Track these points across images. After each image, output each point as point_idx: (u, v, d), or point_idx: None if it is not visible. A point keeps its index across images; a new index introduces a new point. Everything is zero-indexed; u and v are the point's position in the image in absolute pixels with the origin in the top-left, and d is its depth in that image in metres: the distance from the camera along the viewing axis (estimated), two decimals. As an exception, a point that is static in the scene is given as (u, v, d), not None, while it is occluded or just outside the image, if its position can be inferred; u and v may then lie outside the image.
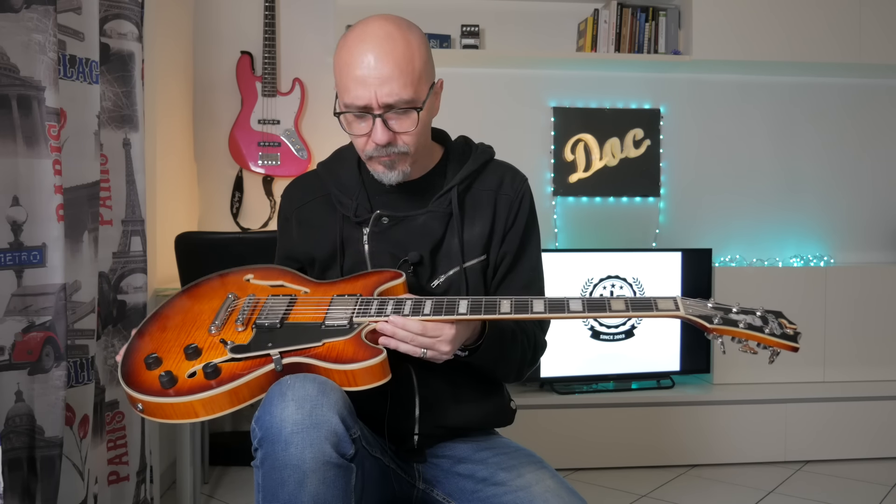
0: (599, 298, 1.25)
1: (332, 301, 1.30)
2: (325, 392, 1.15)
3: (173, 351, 1.25)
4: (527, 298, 1.25)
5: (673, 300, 1.23)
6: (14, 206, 1.70)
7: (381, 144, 1.33)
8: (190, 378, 1.20)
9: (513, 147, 3.37)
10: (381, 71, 1.28)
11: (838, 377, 3.29)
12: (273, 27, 3.31)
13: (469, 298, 1.26)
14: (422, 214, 1.42)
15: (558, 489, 1.32)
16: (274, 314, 1.29)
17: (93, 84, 1.95)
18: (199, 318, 1.32)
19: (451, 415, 1.42)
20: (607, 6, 3.31)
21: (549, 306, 1.24)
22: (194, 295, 1.39)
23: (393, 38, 1.30)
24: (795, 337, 1.21)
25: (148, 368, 1.22)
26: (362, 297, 1.30)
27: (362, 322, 1.25)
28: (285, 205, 1.54)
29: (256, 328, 1.27)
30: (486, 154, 1.49)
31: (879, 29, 3.34)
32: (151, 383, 1.20)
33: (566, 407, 3.02)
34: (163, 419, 1.20)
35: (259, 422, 1.15)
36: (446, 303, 1.25)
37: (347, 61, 1.31)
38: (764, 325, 1.21)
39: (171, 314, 1.35)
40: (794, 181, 3.61)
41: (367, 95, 1.29)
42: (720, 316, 1.20)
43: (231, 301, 1.34)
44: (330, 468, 1.12)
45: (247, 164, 3.32)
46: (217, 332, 1.27)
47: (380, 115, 1.31)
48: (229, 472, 2.95)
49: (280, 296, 1.35)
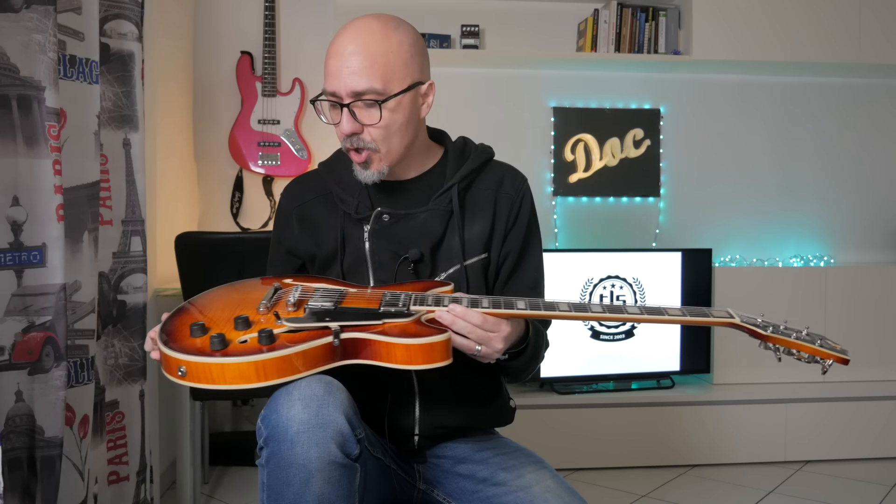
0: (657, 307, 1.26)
1: (384, 295, 1.28)
2: (332, 392, 1.14)
3: (222, 320, 1.18)
4: (585, 304, 1.26)
5: (727, 312, 1.26)
6: (14, 206, 1.70)
7: (346, 134, 1.35)
8: (242, 344, 1.12)
9: (513, 147, 3.38)
10: (351, 61, 1.32)
11: (838, 377, 3.28)
12: (273, 27, 3.31)
13: (526, 300, 1.25)
14: (422, 212, 1.42)
15: (558, 489, 1.32)
16: (327, 300, 1.25)
17: (93, 84, 1.95)
18: (244, 301, 1.25)
19: (451, 415, 1.42)
20: (607, 6, 3.31)
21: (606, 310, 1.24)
22: (234, 287, 1.36)
23: (371, 33, 1.33)
24: (845, 350, 1.25)
25: (192, 335, 1.14)
26: (416, 294, 1.27)
27: (419, 310, 1.22)
28: (286, 203, 1.54)
29: (310, 310, 1.20)
30: (486, 154, 1.50)
31: (879, 29, 3.34)
32: (201, 345, 1.11)
33: (566, 407, 3.02)
34: (207, 384, 1.10)
35: (265, 420, 1.15)
36: (504, 302, 1.24)
37: (328, 51, 1.35)
38: (813, 339, 1.25)
39: (210, 299, 1.30)
40: (794, 181, 3.61)
41: (336, 83, 1.33)
42: (772, 327, 1.25)
43: (278, 289, 1.31)
44: (335, 468, 1.12)
45: (247, 164, 3.32)
46: (267, 311, 1.21)
47: (346, 104, 1.33)
48: (229, 472, 2.95)
49: (329, 286, 1.32)
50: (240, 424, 3.29)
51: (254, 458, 1.20)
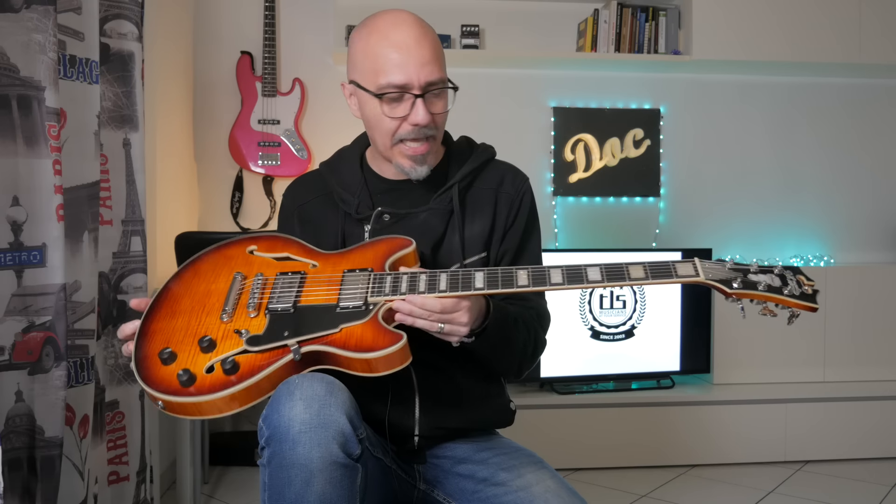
0: (618, 266, 1.22)
1: (343, 277, 1.28)
2: (333, 392, 1.14)
3: (186, 342, 1.21)
4: (544, 269, 1.23)
5: (692, 264, 1.21)
6: (14, 206, 1.70)
7: (421, 125, 1.35)
8: (209, 374, 1.16)
9: (513, 147, 3.38)
10: (421, 52, 1.34)
11: (838, 377, 3.29)
12: (273, 27, 3.31)
13: (485, 270, 1.23)
14: (423, 212, 1.42)
15: (558, 489, 1.32)
16: (286, 296, 1.26)
17: (93, 84, 1.95)
18: (207, 302, 1.28)
19: (451, 416, 1.42)
20: (607, 6, 3.31)
21: (566, 275, 1.22)
22: (198, 272, 1.35)
23: (421, 25, 1.37)
24: (814, 296, 1.19)
25: (164, 364, 1.19)
26: (374, 273, 1.27)
27: (377, 302, 1.22)
28: (287, 203, 1.54)
29: (269, 314, 1.23)
30: (488, 153, 1.50)
31: (879, 29, 3.34)
32: (170, 381, 1.16)
33: (566, 407, 3.02)
34: (186, 416, 1.18)
35: (266, 420, 1.15)
36: (462, 276, 1.23)
37: (383, 44, 1.34)
38: (783, 285, 1.19)
39: (177, 295, 1.31)
40: (794, 181, 3.61)
41: (408, 74, 1.33)
42: (740, 279, 1.19)
43: (239, 282, 1.31)
44: (337, 468, 1.12)
45: (247, 164, 3.32)
46: (229, 319, 1.24)
47: (420, 94, 1.34)
48: (229, 472, 2.95)
49: (289, 273, 1.31)
50: (240, 424, 3.29)
51: (254, 458, 1.20)
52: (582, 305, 3.10)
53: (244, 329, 1.21)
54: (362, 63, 1.38)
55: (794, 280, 1.20)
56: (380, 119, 1.38)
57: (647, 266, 1.21)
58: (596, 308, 3.12)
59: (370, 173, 1.50)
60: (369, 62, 1.36)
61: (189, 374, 1.15)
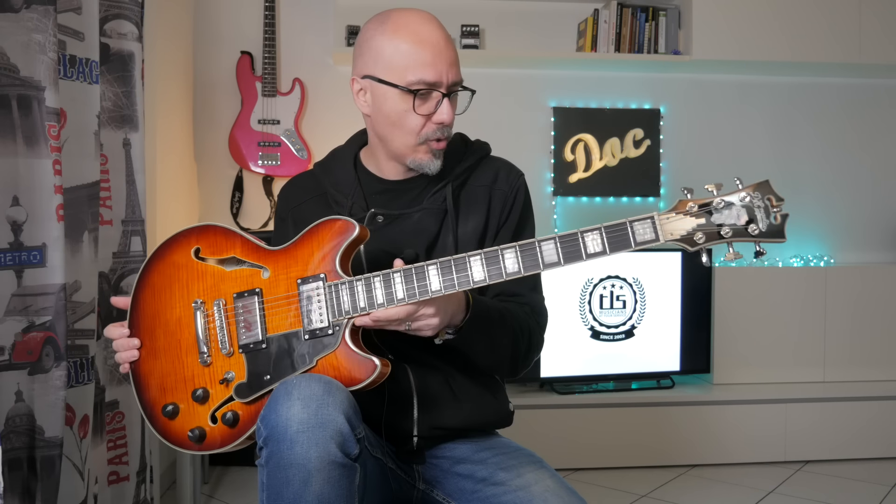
0: (573, 239, 1.16)
1: (300, 292, 1.27)
2: (331, 391, 1.15)
3: (180, 390, 1.31)
4: (496, 249, 1.20)
5: (650, 224, 1.14)
6: (14, 206, 1.70)
7: (447, 123, 1.38)
8: (214, 425, 1.28)
9: (513, 147, 3.36)
10: (449, 52, 1.37)
11: (838, 377, 3.29)
12: (273, 27, 3.31)
13: (438, 262, 1.21)
14: (417, 212, 1.42)
15: (558, 489, 1.31)
16: (253, 326, 1.28)
17: (93, 84, 1.95)
18: (182, 338, 1.32)
19: (450, 417, 1.42)
20: (607, 6, 3.31)
21: (519, 252, 1.18)
22: (154, 289, 1.35)
23: (441, 26, 1.40)
24: (782, 226, 1.14)
25: (170, 419, 1.31)
26: (327, 284, 1.25)
27: (341, 322, 1.24)
28: (282, 205, 1.54)
29: (244, 352, 1.28)
30: (483, 150, 1.50)
31: (879, 29, 3.34)
32: (183, 439, 1.30)
33: (566, 407, 3.02)
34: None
35: (264, 420, 1.15)
36: (415, 270, 1.21)
37: (413, 40, 1.35)
38: (750, 221, 1.13)
39: (150, 327, 1.34)
40: (794, 181, 3.61)
41: (439, 72, 1.35)
42: (703, 231, 1.13)
43: (203, 314, 1.31)
44: (335, 468, 1.12)
45: (247, 164, 3.32)
46: (210, 362, 1.30)
47: (447, 94, 1.37)
48: (229, 472, 2.95)
49: (244, 294, 1.30)
50: (240, 424, 3.29)
51: (254, 459, 1.20)
52: (582, 305, 3.11)
53: (228, 372, 1.28)
54: (389, 58, 1.35)
55: (763, 208, 1.14)
56: (404, 115, 1.37)
57: (604, 235, 1.15)
58: (596, 308, 3.12)
59: (364, 173, 1.49)
60: (399, 57, 1.34)
61: (198, 432, 1.28)
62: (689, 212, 1.15)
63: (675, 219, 1.14)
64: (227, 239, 1.34)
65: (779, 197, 1.15)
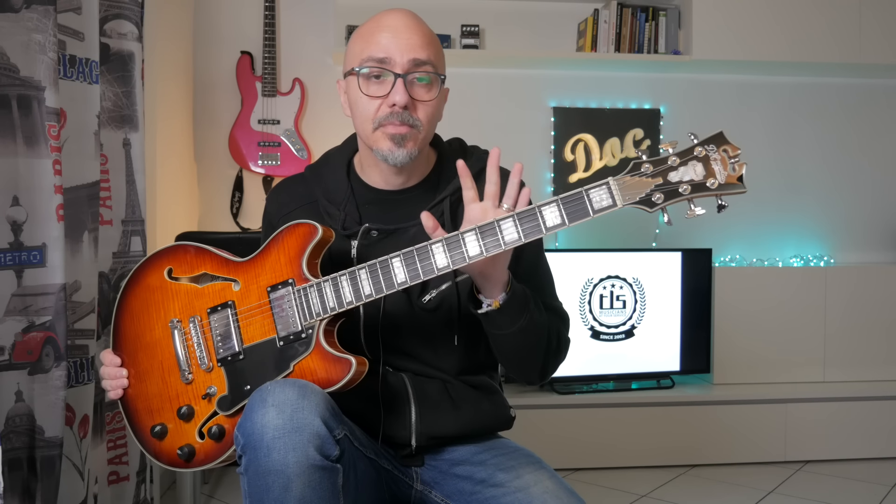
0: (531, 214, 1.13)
1: (271, 300, 1.27)
2: (306, 395, 1.14)
3: (166, 409, 1.33)
4: (457, 234, 1.18)
5: (607, 190, 1.12)
6: (14, 206, 1.70)
7: (399, 106, 1.31)
8: (201, 441, 1.29)
9: (513, 147, 3.38)
10: (410, 35, 1.32)
11: (838, 377, 3.29)
12: (273, 27, 3.31)
13: (401, 254, 1.20)
14: (412, 227, 1.37)
15: (557, 490, 1.31)
16: (228, 338, 1.29)
17: (93, 84, 1.95)
18: (163, 359, 1.34)
19: (448, 424, 1.39)
20: (607, 6, 3.31)
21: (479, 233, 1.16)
22: (133, 314, 1.38)
23: (420, 20, 1.36)
24: (741, 175, 1.13)
25: (159, 439, 1.33)
26: (296, 288, 1.26)
27: (313, 324, 1.24)
28: (272, 210, 1.50)
29: (222, 365, 1.30)
30: (481, 161, 1.41)
31: (879, 29, 3.34)
32: (173, 458, 1.31)
33: (566, 407, 3.02)
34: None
35: (241, 429, 1.15)
36: (380, 264, 1.21)
37: (373, 25, 1.34)
38: (708, 175, 1.11)
39: (133, 350, 1.37)
40: (794, 181, 3.61)
41: (391, 49, 1.31)
42: (661, 191, 1.11)
43: (180, 333, 1.33)
44: (315, 471, 1.11)
45: (247, 164, 3.32)
46: (192, 379, 1.32)
47: (402, 75, 1.31)
48: (229, 472, 2.95)
49: (218, 308, 1.31)
50: (240, 424, 3.29)
51: None
52: (582, 305, 3.11)
53: (210, 387, 1.30)
54: (352, 49, 1.36)
55: (719, 160, 1.12)
56: (358, 100, 1.34)
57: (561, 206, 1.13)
58: (596, 308, 3.12)
59: (357, 181, 1.45)
60: (358, 45, 1.35)
61: (187, 449, 1.30)
62: (644, 173, 1.13)
63: (631, 182, 1.13)
64: (197, 256, 1.36)
65: (735, 147, 1.13)
